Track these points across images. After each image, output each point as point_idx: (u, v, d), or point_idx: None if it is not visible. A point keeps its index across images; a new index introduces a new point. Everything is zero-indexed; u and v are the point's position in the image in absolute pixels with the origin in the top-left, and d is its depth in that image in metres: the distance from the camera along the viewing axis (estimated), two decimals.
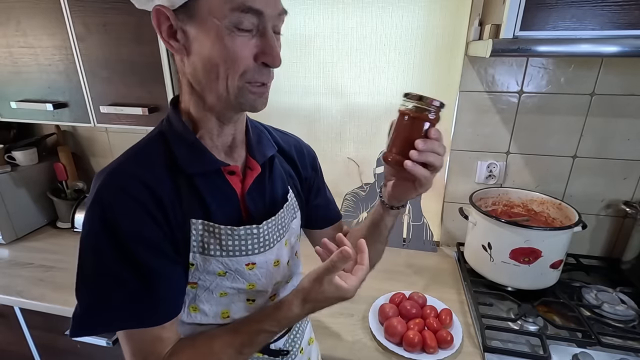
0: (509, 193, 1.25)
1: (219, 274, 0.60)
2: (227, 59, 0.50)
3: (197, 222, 0.57)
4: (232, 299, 0.63)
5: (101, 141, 1.62)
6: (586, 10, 0.74)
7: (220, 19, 0.48)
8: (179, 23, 0.50)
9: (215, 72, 0.51)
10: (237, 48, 0.50)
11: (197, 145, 0.58)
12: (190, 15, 0.49)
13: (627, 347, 0.88)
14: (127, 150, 0.58)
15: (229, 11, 0.48)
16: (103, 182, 0.53)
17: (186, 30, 0.51)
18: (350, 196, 1.42)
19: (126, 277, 0.52)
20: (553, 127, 1.18)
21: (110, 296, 0.53)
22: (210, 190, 0.58)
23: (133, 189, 0.52)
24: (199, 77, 0.53)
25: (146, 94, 1.09)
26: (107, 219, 0.51)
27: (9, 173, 1.40)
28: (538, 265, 1.02)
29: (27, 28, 1.09)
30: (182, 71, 0.56)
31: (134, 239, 0.52)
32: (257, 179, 0.63)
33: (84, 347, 1.14)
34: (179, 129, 0.58)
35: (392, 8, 1.17)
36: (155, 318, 0.55)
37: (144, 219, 0.52)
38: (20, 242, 1.42)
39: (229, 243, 0.59)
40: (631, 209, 1.16)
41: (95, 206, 0.52)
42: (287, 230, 0.69)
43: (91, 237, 0.52)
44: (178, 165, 0.56)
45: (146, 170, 0.54)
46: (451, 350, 0.88)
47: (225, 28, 0.49)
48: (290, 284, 0.73)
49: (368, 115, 1.32)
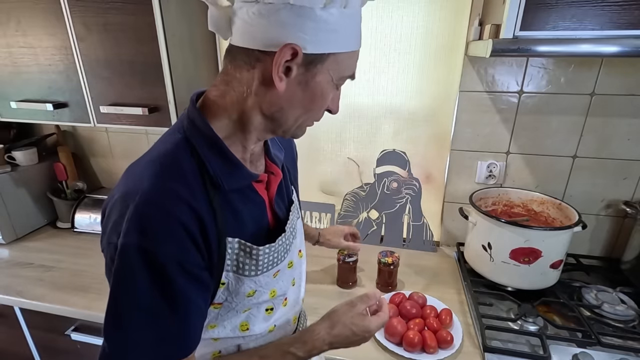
0: (509, 193, 1.25)
1: (248, 295, 0.59)
2: (317, 109, 0.56)
3: (234, 241, 0.54)
4: (253, 311, 0.63)
5: (101, 141, 1.62)
6: (586, 10, 0.74)
7: (337, 80, 0.54)
8: (301, 67, 0.50)
9: (297, 114, 0.54)
10: (328, 100, 0.56)
11: (229, 157, 0.54)
12: (314, 65, 0.51)
13: (627, 347, 0.88)
14: (155, 159, 0.51)
15: (345, 77, 0.56)
16: (143, 205, 0.46)
17: (300, 73, 0.51)
18: (350, 196, 1.42)
19: (160, 311, 0.48)
20: (553, 127, 1.18)
21: (143, 335, 0.48)
22: (244, 204, 0.57)
23: (182, 215, 0.47)
24: (276, 109, 0.53)
25: (146, 94, 1.09)
26: (146, 249, 0.45)
27: (9, 173, 1.40)
28: (538, 265, 1.02)
29: (27, 28, 1.09)
30: (253, 92, 0.52)
31: (175, 269, 0.47)
32: (280, 184, 0.65)
33: (84, 347, 1.14)
34: (207, 134, 0.52)
35: (392, 8, 1.17)
36: (184, 351, 0.52)
37: (188, 246, 0.48)
38: (20, 242, 1.42)
39: (265, 261, 0.58)
40: (631, 209, 1.16)
41: (132, 233, 0.45)
42: (297, 231, 0.70)
43: (130, 267, 0.46)
44: (213, 180, 0.52)
45: (186, 188, 0.49)
46: (451, 350, 0.88)
47: (335, 88, 0.56)
48: (297, 285, 0.73)
49: (368, 115, 1.32)
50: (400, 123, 1.31)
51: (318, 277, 1.20)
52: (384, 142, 1.35)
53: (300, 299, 0.76)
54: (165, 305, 0.48)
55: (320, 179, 1.48)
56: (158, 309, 0.48)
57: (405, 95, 1.27)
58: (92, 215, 1.44)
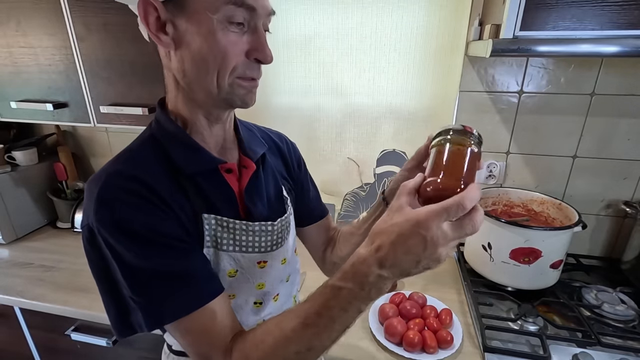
0: (509, 193, 1.25)
1: (229, 274, 0.60)
2: (218, 53, 0.50)
3: (210, 217, 0.57)
4: (240, 303, 0.63)
5: (101, 141, 1.62)
6: (586, 10, 0.73)
7: (213, 13, 0.48)
8: (169, 15, 0.49)
9: (205, 67, 0.50)
10: (230, 43, 0.50)
11: (191, 144, 0.57)
12: (181, 8, 0.48)
13: (627, 347, 0.88)
14: (119, 155, 0.56)
15: (222, 4, 0.47)
16: (102, 186, 0.51)
17: (176, 23, 0.49)
18: (350, 196, 1.42)
19: (158, 267, 0.51)
20: (553, 127, 1.18)
21: (151, 291, 0.51)
22: (213, 189, 0.58)
23: (134, 187, 0.51)
24: (186, 72, 0.52)
25: (146, 94, 1.09)
26: (117, 219, 0.49)
27: (9, 173, 1.40)
28: (538, 265, 1.02)
29: (27, 28, 1.09)
30: (168, 66, 0.55)
31: (150, 230, 0.50)
32: (252, 177, 0.63)
33: (84, 347, 1.14)
34: (170, 129, 0.57)
35: (392, 8, 1.17)
36: (200, 296, 0.52)
37: (152, 211, 0.51)
38: (20, 242, 1.42)
39: (243, 238, 0.59)
40: (631, 209, 1.16)
41: (101, 211, 0.49)
42: (290, 229, 0.69)
43: (109, 242, 0.49)
44: (177, 166, 0.55)
45: (143, 171, 0.53)
46: (451, 350, 0.88)
47: (218, 22, 0.48)
48: (290, 282, 0.73)
49: (368, 115, 1.32)
50: (400, 123, 1.31)
51: None
52: (384, 142, 1.35)
53: (292, 295, 0.76)
54: (159, 258, 0.51)
55: (320, 178, 1.47)
56: (154, 264, 0.50)
57: (405, 95, 1.27)
58: None
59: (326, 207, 0.85)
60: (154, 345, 1.07)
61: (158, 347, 0.79)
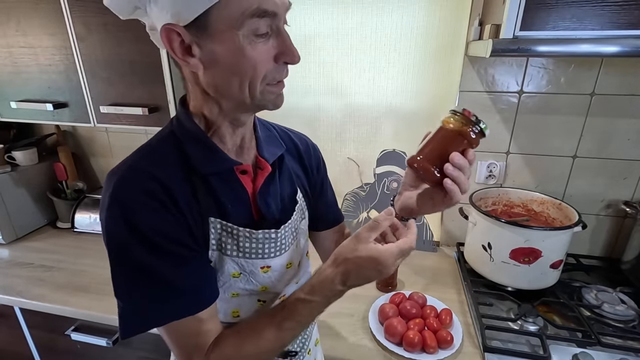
0: (509, 193, 1.25)
1: (233, 275, 0.60)
2: (249, 67, 0.50)
3: (216, 221, 0.57)
4: (244, 299, 0.63)
5: (101, 141, 1.62)
6: (586, 10, 0.74)
7: (238, 29, 0.47)
8: (193, 38, 0.49)
9: (237, 81, 0.51)
10: (259, 55, 0.50)
11: (209, 145, 0.57)
12: (204, 29, 0.48)
13: (627, 347, 0.88)
14: (139, 149, 0.57)
15: (246, 18, 0.47)
16: (118, 182, 0.52)
17: (201, 45, 0.49)
18: (350, 196, 1.42)
19: (158, 270, 0.52)
20: (553, 127, 1.18)
21: (147, 293, 0.53)
22: (225, 190, 0.58)
23: (150, 186, 0.52)
24: (218, 87, 0.52)
25: (146, 94, 1.09)
26: (127, 218, 0.50)
27: (9, 173, 1.40)
28: (538, 265, 1.02)
29: (27, 28, 1.09)
30: (194, 81, 0.54)
31: (157, 233, 0.51)
32: (267, 179, 0.63)
33: (84, 347, 1.14)
34: (191, 129, 0.57)
35: (392, 8, 1.17)
36: (190, 306, 0.55)
37: (162, 215, 0.52)
38: (20, 242, 1.42)
39: (246, 245, 0.59)
40: (631, 209, 1.16)
41: (114, 207, 0.51)
42: (299, 232, 0.69)
43: (117, 237, 0.52)
44: (192, 165, 0.56)
45: (160, 169, 0.54)
46: (451, 350, 0.88)
47: (244, 37, 0.48)
48: (300, 284, 0.73)
49: (368, 115, 1.32)
50: (400, 123, 1.31)
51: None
52: (384, 142, 1.35)
53: None
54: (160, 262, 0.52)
55: None
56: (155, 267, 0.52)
57: (405, 95, 1.27)
58: (92, 215, 1.44)
59: (342, 214, 0.85)
60: (154, 345, 1.07)
61: (158, 347, 0.79)
